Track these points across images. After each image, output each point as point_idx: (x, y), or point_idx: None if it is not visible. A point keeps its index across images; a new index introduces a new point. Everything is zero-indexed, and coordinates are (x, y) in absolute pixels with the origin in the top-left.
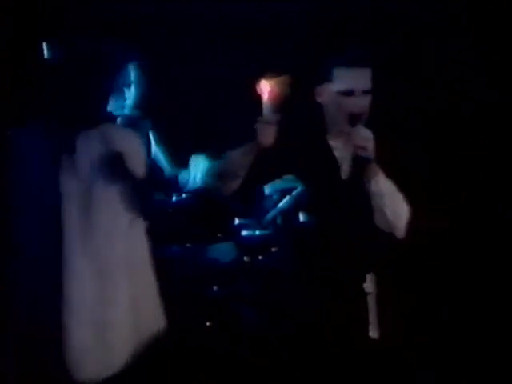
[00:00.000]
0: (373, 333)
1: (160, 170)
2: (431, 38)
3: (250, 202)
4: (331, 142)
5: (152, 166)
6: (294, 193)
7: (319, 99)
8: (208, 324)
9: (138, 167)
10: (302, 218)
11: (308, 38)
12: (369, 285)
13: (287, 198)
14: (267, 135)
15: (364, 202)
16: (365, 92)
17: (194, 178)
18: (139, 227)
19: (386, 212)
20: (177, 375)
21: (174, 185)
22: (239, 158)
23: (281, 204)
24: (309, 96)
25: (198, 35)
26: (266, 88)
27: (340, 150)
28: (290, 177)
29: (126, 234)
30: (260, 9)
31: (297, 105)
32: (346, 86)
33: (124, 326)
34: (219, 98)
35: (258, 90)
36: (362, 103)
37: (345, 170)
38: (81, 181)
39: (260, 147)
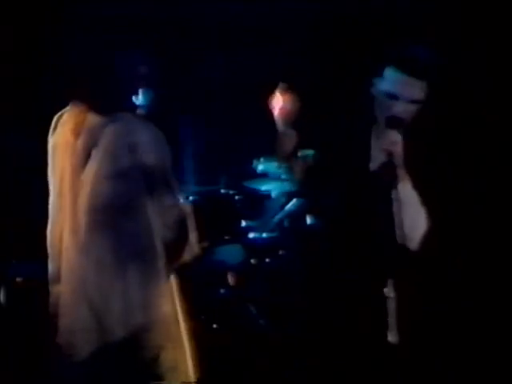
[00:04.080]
0: (391, 337)
1: None
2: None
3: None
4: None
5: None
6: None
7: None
8: (215, 326)
9: (156, 160)
10: (308, 220)
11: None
12: (389, 289)
13: (294, 200)
14: (286, 147)
15: (384, 208)
16: (405, 100)
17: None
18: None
19: (403, 221)
20: None
21: None
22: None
23: (288, 207)
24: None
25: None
26: (278, 103)
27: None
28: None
29: (143, 226)
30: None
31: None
32: (387, 88)
33: (119, 317)
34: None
35: (270, 104)
36: (399, 110)
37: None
38: (100, 171)
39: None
